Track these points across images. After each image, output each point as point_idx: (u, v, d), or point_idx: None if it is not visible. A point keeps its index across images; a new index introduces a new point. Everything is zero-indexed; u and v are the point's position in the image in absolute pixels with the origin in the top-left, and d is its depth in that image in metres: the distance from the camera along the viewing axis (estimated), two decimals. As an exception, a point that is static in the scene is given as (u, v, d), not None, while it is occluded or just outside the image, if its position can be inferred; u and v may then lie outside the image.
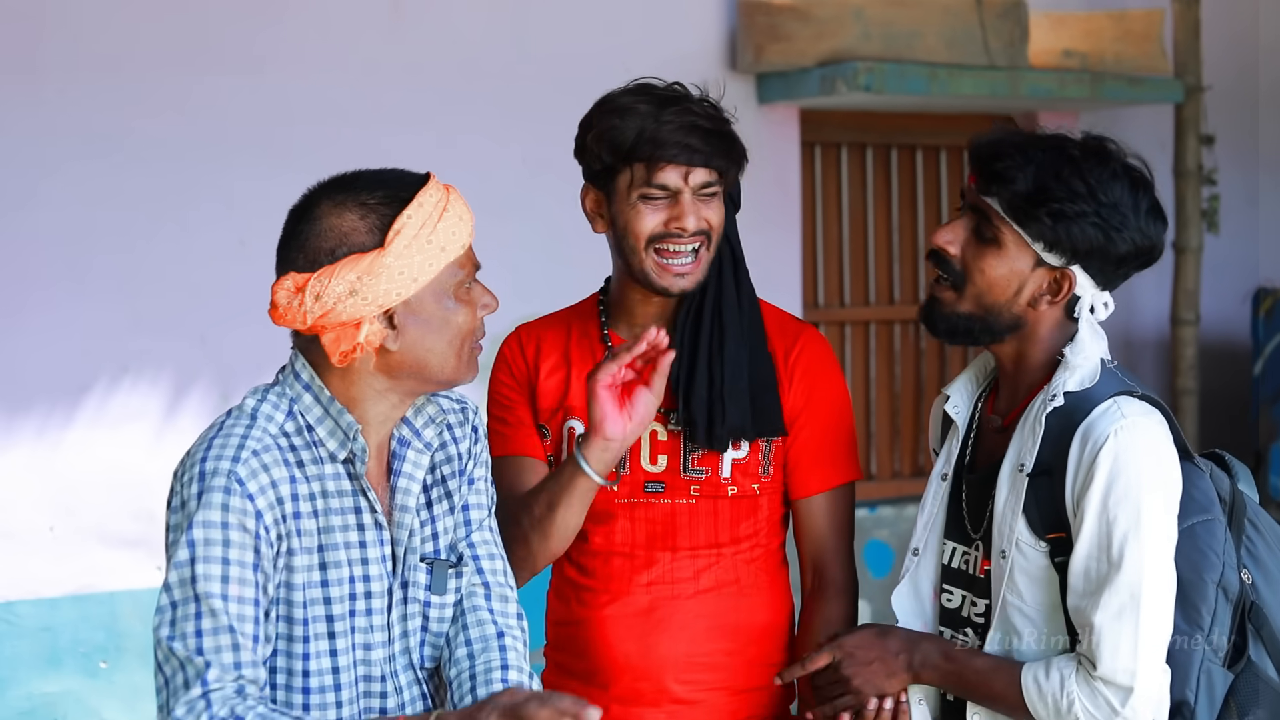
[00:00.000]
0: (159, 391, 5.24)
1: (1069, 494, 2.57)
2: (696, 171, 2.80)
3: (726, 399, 2.86)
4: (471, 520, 2.57)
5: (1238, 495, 2.71)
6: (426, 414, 2.51)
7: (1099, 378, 2.63)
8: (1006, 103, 6.37)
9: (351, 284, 2.32)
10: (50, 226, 5.10)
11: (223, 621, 2.27)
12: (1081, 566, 2.56)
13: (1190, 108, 6.65)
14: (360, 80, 5.52)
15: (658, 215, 2.83)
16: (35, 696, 5.09)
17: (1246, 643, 2.63)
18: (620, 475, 2.92)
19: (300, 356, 2.43)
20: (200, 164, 5.24)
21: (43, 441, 5.11)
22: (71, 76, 5.11)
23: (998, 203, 2.62)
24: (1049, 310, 2.65)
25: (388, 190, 2.38)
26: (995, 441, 2.72)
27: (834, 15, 5.93)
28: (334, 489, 2.41)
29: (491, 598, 2.56)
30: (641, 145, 2.80)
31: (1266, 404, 6.81)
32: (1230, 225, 6.95)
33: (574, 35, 5.85)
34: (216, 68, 5.31)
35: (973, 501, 2.72)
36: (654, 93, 2.86)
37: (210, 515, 2.30)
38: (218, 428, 2.39)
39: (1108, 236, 2.58)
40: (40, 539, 5.11)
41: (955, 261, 2.65)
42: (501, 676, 2.47)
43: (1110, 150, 2.65)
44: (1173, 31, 6.67)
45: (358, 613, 2.42)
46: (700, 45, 6.05)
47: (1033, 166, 2.60)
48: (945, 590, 2.77)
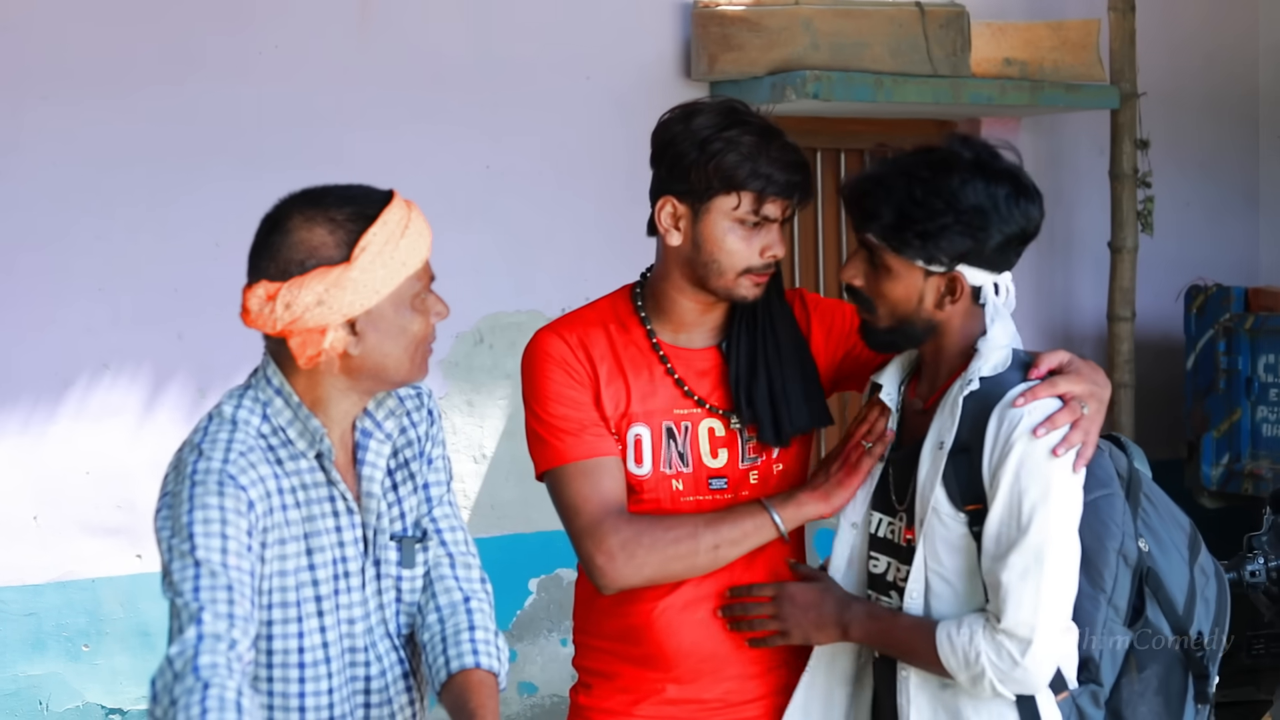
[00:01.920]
0: (138, 386, 5.32)
1: (986, 468, 2.78)
2: (790, 204, 2.94)
3: (790, 398, 3.01)
4: (432, 497, 2.75)
5: (1134, 472, 2.95)
6: (387, 406, 2.69)
7: (1010, 364, 2.85)
8: (949, 109, 6.54)
9: (320, 295, 2.49)
10: (33, 228, 5.18)
11: (221, 580, 2.42)
12: (994, 531, 2.77)
13: (1126, 113, 6.80)
14: (330, 86, 5.63)
15: (754, 241, 2.94)
16: (20, 679, 5.19)
17: (1144, 604, 2.86)
18: (684, 474, 3.04)
19: (271, 361, 2.60)
20: (177, 168, 5.33)
21: (26, 434, 5.20)
22: (52, 83, 5.20)
23: (874, 236, 2.84)
24: (955, 307, 2.86)
25: (355, 207, 2.53)
26: (918, 422, 2.94)
27: (784, 26, 6.08)
28: (310, 481, 2.59)
29: (456, 566, 2.75)
30: (755, 178, 2.90)
31: (1199, 397, 6.98)
32: (1164, 226, 7.10)
33: (537, 44, 5.99)
34: (192, 75, 5.41)
35: (898, 476, 2.95)
36: (754, 122, 2.94)
37: (209, 500, 2.46)
38: (202, 433, 2.55)
39: (975, 238, 2.79)
40: (24, 528, 5.20)
41: (863, 291, 2.89)
42: (470, 637, 2.67)
43: (960, 157, 2.81)
44: (1109, 40, 6.82)
45: (340, 591, 2.61)
46: (657, 54, 6.21)
47: (892, 198, 2.81)
48: (872, 557, 2.98)
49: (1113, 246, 6.90)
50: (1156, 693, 2.88)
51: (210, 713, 2.32)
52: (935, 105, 6.37)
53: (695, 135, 2.94)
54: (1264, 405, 6.80)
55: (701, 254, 2.96)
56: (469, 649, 2.66)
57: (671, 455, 3.04)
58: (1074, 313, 7.27)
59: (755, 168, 2.91)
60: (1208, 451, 6.93)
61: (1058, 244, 7.24)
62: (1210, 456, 6.92)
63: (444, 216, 5.83)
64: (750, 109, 2.98)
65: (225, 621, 2.40)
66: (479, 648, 2.67)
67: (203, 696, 2.33)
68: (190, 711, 2.32)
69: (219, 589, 2.42)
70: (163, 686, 2.37)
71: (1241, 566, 4.14)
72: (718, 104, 2.98)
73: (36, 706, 5.21)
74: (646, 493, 3.04)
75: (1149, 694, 2.87)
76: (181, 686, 2.35)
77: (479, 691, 2.60)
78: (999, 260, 2.86)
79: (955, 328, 2.89)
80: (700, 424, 3.05)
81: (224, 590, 2.42)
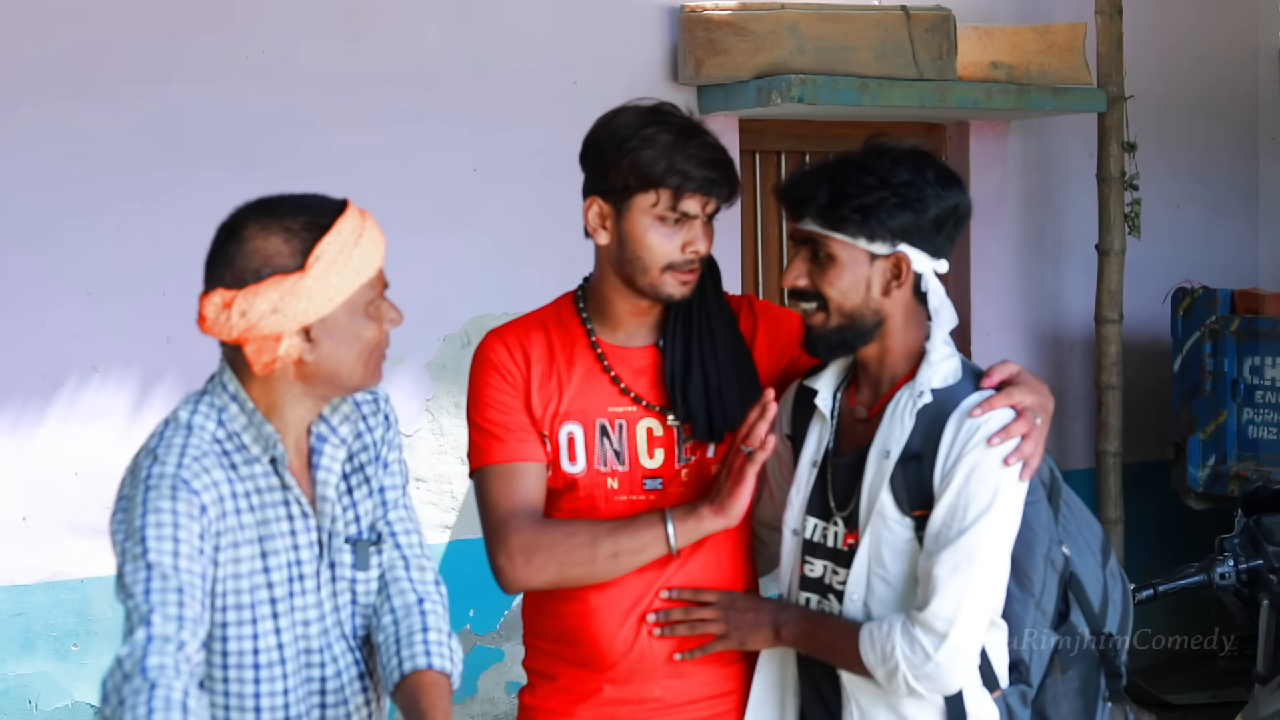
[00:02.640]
0: (127, 389, 5.36)
1: (938, 475, 2.83)
2: (711, 200, 2.96)
3: (724, 394, 3.03)
4: (388, 500, 2.79)
5: (1054, 478, 3.00)
6: (342, 411, 2.73)
7: (961, 375, 2.90)
8: (936, 112, 6.58)
9: (274, 303, 2.53)
10: (22, 233, 5.22)
11: (172, 583, 2.46)
12: (935, 529, 2.82)
13: (1113, 116, 6.82)
14: (318, 90, 5.67)
15: (676, 238, 2.96)
16: (9, 678, 5.23)
17: (1069, 608, 2.93)
18: (620, 473, 3.07)
19: (227, 368, 2.64)
20: (165, 173, 5.37)
21: (15, 436, 5.23)
22: (42, 90, 5.24)
23: (812, 223, 2.88)
24: (900, 295, 2.90)
25: (310, 216, 2.58)
26: (859, 430, 2.98)
27: (770, 30, 6.13)
28: (265, 485, 2.63)
29: (410, 568, 2.79)
30: (671, 174, 2.93)
31: (1185, 399, 7.01)
32: (1151, 228, 7.13)
33: (524, 48, 6.03)
34: (180, 80, 5.44)
35: (838, 483, 2.98)
36: (674, 121, 2.98)
37: (161, 504, 2.50)
38: (158, 438, 2.60)
39: (912, 208, 2.84)
40: (14, 529, 5.24)
41: (809, 289, 2.91)
42: (423, 638, 2.71)
43: (888, 146, 2.91)
44: (1096, 44, 6.85)
45: (295, 594, 2.65)
46: (644, 59, 6.24)
47: (826, 180, 2.87)
48: (807, 561, 3.01)
49: (1100, 249, 6.93)
50: (1078, 693, 2.94)
51: (156, 713, 2.37)
52: (921, 109, 6.41)
53: (615, 135, 2.98)
54: (1250, 407, 6.83)
55: (626, 251, 3.00)
56: (422, 650, 2.70)
57: (606, 453, 3.07)
58: (1062, 315, 7.31)
59: (671, 164, 2.93)
60: (1194, 453, 6.96)
61: (1047, 246, 7.28)
62: (1196, 458, 6.96)
63: (431, 219, 5.92)
64: (675, 109, 3.02)
65: (175, 623, 2.45)
66: (432, 649, 2.71)
67: (149, 697, 2.38)
68: (137, 711, 2.37)
69: (169, 591, 2.46)
70: (112, 686, 2.42)
71: (1211, 569, 4.19)
72: (643, 105, 3.02)
73: (26, 705, 5.26)
74: (582, 491, 3.08)
75: (1071, 694, 2.93)
76: (130, 687, 2.40)
77: (430, 692, 2.64)
78: (938, 242, 2.90)
79: (899, 325, 2.93)
80: (638, 423, 3.07)
81: (174, 593, 2.47)
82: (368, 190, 5.60)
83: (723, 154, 2.99)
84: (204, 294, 2.59)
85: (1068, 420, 7.28)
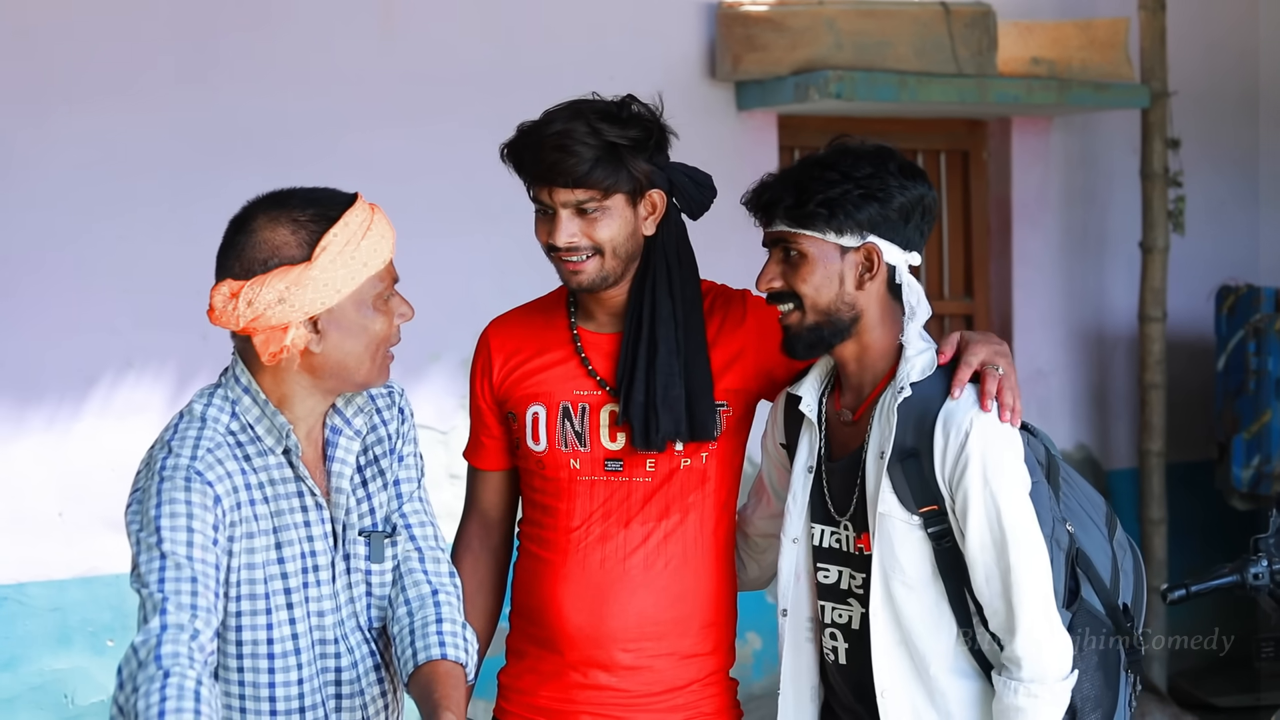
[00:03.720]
0: (162, 385, 5.37)
1: (939, 474, 2.85)
2: (561, 191, 2.96)
3: (660, 407, 3.02)
4: (403, 493, 2.81)
5: (1051, 458, 3.01)
6: (356, 404, 2.76)
7: (936, 367, 2.91)
8: (976, 108, 6.56)
9: (280, 292, 2.56)
10: (60, 231, 5.25)
11: (185, 572, 2.49)
12: (979, 540, 2.84)
13: (1156, 112, 6.78)
14: (352, 90, 5.67)
15: (544, 228, 3.03)
16: (46, 673, 5.24)
17: (1079, 585, 2.94)
18: (581, 454, 3.10)
19: (240, 361, 2.67)
20: (200, 172, 5.37)
21: (52, 432, 5.25)
22: (78, 89, 5.26)
23: (781, 223, 2.90)
24: (873, 288, 2.92)
25: (318, 208, 2.61)
26: (847, 433, 2.99)
27: (808, 26, 6.12)
28: (279, 477, 2.65)
29: (425, 560, 2.81)
30: (521, 164, 3.01)
31: (1229, 397, 6.94)
32: (1195, 226, 7.06)
33: (560, 45, 6.01)
34: (213, 78, 5.45)
35: (835, 487, 2.99)
36: (557, 111, 3.02)
37: (175, 495, 2.53)
38: (172, 430, 2.63)
39: (876, 198, 2.87)
40: (50, 524, 5.26)
41: (784, 290, 2.92)
42: (437, 629, 2.73)
43: (848, 144, 2.94)
44: (1139, 39, 6.81)
45: (310, 584, 2.67)
46: (681, 55, 6.22)
47: (790, 181, 2.91)
48: (821, 568, 3.02)
49: (1144, 246, 6.88)
50: (1097, 668, 2.94)
51: (169, 700, 2.39)
52: (961, 105, 6.39)
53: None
54: (1294, 406, 6.77)
55: None
56: (436, 640, 2.71)
57: (567, 434, 3.10)
58: (1105, 313, 7.25)
59: (519, 159, 3.01)
60: (1238, 453, 6.89)
61: (1090, 244, 7.23)
62: (1240, 458, 6.88)
63: (467, 217, 5.92)
64: (579, 100, 3.05)
65: (188, 612, 2.47)
66: (446, 639, 2.72)
67: (163, 684, 2.40)
68: (150, 699, 2.39)
69: (183, 580, 2.48)
70: (127, 674, 2.44)
71: (1245, 569, 4.12)
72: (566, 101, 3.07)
73: (62, 700, 5.28)
74: (548, 469, 3.13)
75: (1090, 670, 2.93)
76: (144, 674, 2.42)
77: (445, 682, 2.65)
78: (906, 234, 2.92)
79: (874, 320, 2.94)
80: (603, 407, 3.10)
81: (188, 582, 2.49)
82: (403, 189, 5.65)
83: (587, 143, 2.95)
84: (214, 285, 2.63)
85: (1111, 419, 7.23)
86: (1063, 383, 7.12)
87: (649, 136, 3.03)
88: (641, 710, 3.11)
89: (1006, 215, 7.00)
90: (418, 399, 3.16)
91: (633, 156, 2.99)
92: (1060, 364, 7.12)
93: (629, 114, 3.03)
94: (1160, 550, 6.83)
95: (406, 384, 3.31)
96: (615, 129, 2.99)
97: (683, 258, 3.13)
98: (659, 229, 3.08)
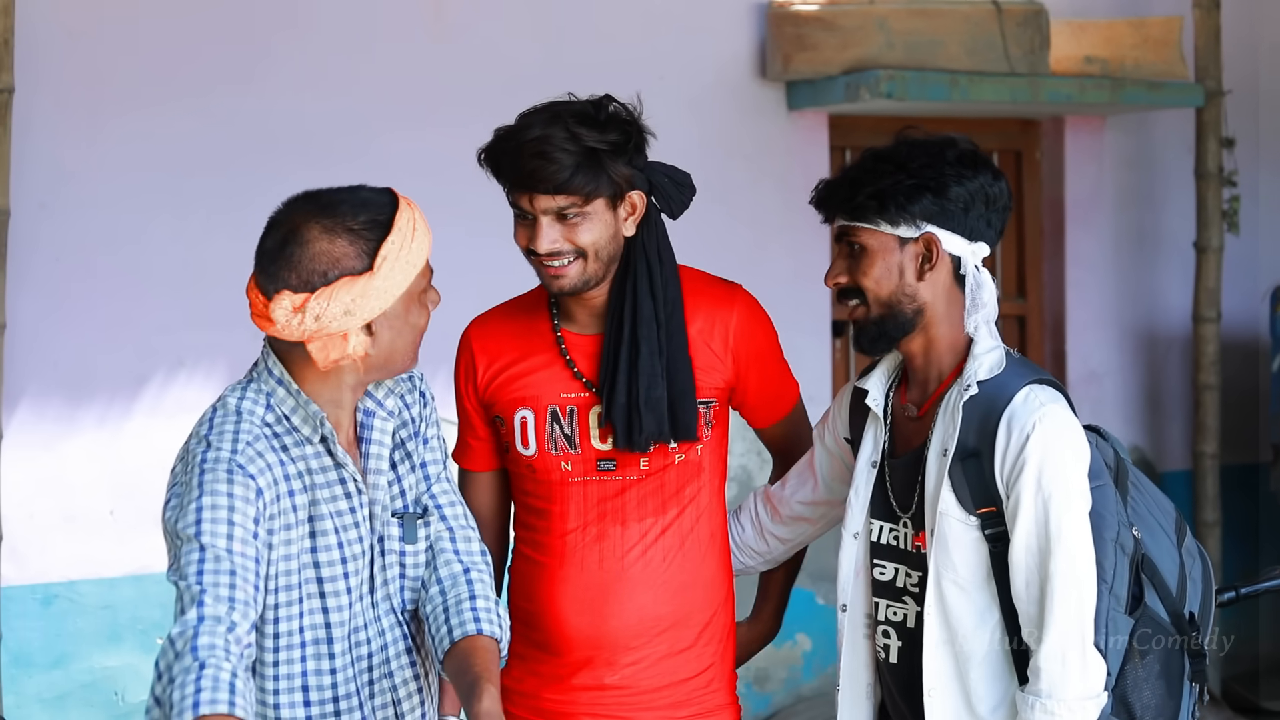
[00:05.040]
0: (213, 383, 5.37)
1: (998, 474, 2.82)
2: (541, 198, 2.94)
3: (643, 408, 3.02)
4: (430, 475, 2.84)
5: (1120, 461, 2.98)
6: (385, 386, 2.78)
7: (1005, 365, 2.89)
8: (1028, 108, 6.52)
9: (347, 305, 2.58)
10: (112, 232, 5.28)
11: (224, 565, 2.50)
12: (1023, 544, 2.81)
13: (1211, 111, 6.72)
14: (402, 90, 5.68)
15: (524, 233, 3.01)
16: (96, 670, 5.27)
17: (1143, 591, 2.90)
18: (572, 456, 3.10)
19: (272, 354, 2.68)
20: (251, 173, 5.39)
21: (104, 430, 5.28)
22: (129, 90, 5.29)
23: (841, 218, 2.91)
24: (936, 279, 2.90)
25: (369, 214, 2.62)
26: (911, 429, 2.97)
27: (858, 25, 6.10)
28: (316, 466, 2.67)
29: (456, 539, 2.83)
30: (500, 171, 2.98)
31: (1284, 399, 6.88)
32: (1250, 225, 7.01)
33: (611, 45, 6.00)
34: (265, 79, 5.48)
35: (898, 484, 2.97)
36: (533, 116, 2.98)
37: (217, 488, 2.54)
38: (208, 425, 2.64)
39: (930, 189, 2.86)
40: (101, 522, 5.28)
41: (848, 284, 2.93)
42: (471, 606, 2.74)
43: (910, 136, 2.93)
44: (1194, 37, 6.76)
45: (348, 574, 2.68)
46: (732, 55, 6.22)
47: (847, 177, 2.90)
48: (877, 564, 3.01)
49: (1198, 246, 6.83)
50: (1159, 676, 2.90)
51: (204, 691, 2.40)
52: (1013, 104, 6.35)
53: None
54: (1349, 408, 6.70)
55: None
56: (470, 617, 2.73)
57: (557, 437, 3.10)
58: (1159, 313, 7.20)
59: (497, 164, 2.99)
60: (1293, 454, 6.81)
61: (1144, 244, 7.18)
62: (1295, 460, 6.81)
63: (517, 217, 5.90)
64: (556, 103, 3.03)
65: (226, 605, 2.48)
66: (480, 615, 2.74)
67: (198, 676, 2.41)
68: (185, 690, 2.40)
69: (221, 573, 2.49)
70: (164, 665, 2.46)
71: (1294, 574, 4.09)
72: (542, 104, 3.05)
73: (112, 697, 5.31)
74: (540, 473, 3.13)
75: (1152, 678, 2.90)
76: (180, 665, 2.43)
77: (482, 655, 2.67)
78: (968, 224, 2.90)
79: (941, 314, 2.92)
80: (591, 409, 3.09)
81: (226, 575, 2.50)
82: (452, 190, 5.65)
83: (565, 149, 2.92)
84: (269, 297, 2.62)
85: (1165, 421, 7.18)
86: (1116, 384, 7.07)
87: (628, 139, 3.00)
88: (645, 708, 3.12)
89: (1060, 215, 6.96)
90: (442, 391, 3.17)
91: (612, 161, 2.97)
92: (1113, 365, 7.08)
93: (606, 116, 3.01)
94: (1214, 553, 6.77)
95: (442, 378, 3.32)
96: (594, 134, 2.96)
97: (664, 257, 3.11)
98: (639, 229, 3.07)
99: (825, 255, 6.41)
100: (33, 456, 5.18)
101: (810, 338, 6.33)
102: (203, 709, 2.39)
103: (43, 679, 5.21)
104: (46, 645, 5.22)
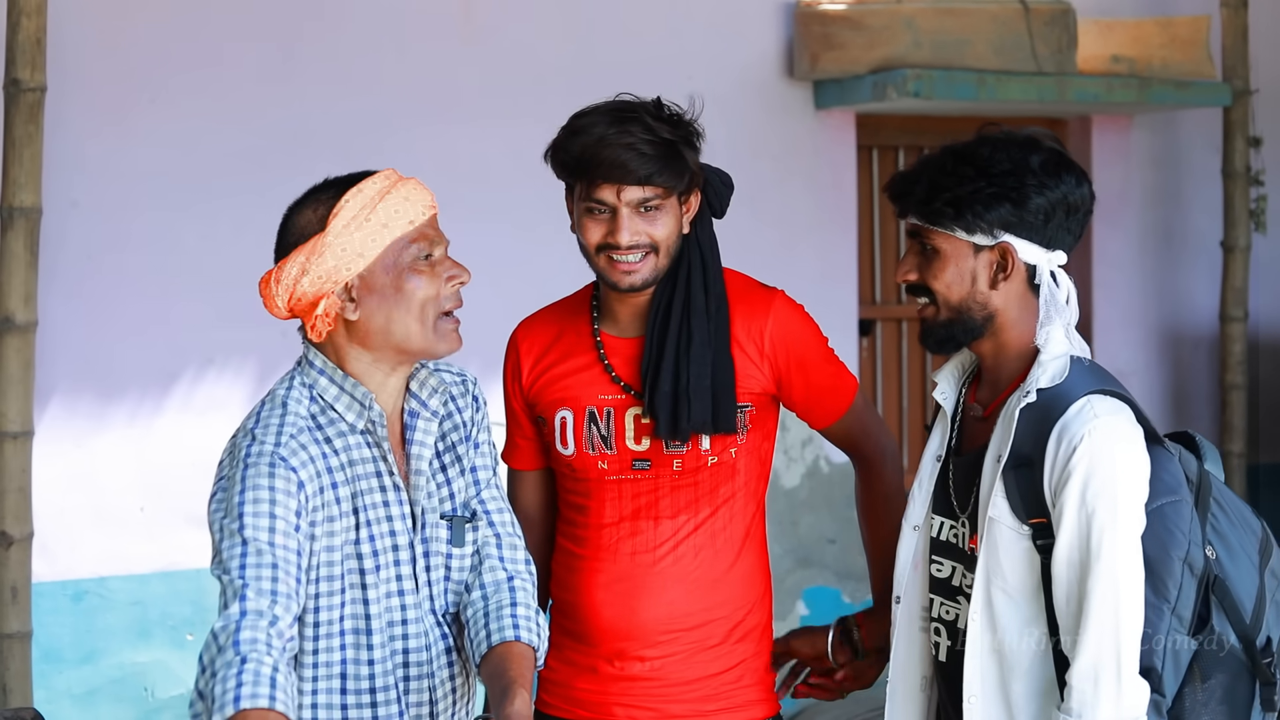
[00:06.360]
0: (243, 381, 5.43)
1: (1047, 485, 2.75)
2: (629, 190, 2.98)
3: (692, 397, 3.05)
4: (480, 480, 2.85)
5: (1204, 476, 2.87)
6: (430, 385, 2.79)
7: (1068, 373, 2.80)
8: (1055, 107, 6.50)
9: (302, 265, 2.63)
10: (142, 229, 5.31)
11: (266, 559, 2.52)
12: (1064, 557, 2.74)
13: (1238, 111, 6.72)
14: (432, 89, 5.70)
15: (600, 228, 3.03)
16: (126, 666, 5.30)
17: (1210, 613, 2.78)
18: (609, 456, 3.14)
19: (311, 345, 2.72)
20: (281, 171, 5.29)
21: (134, 427, 5.31)
22: (160, 88, 5.33)
23: (914, 218, 2.85)
24: (1010, 287, 2.84)
25: (338, 187, 2.67)
26: (977, 429, 2.92)
27: (886, 24, 6.10)
28: (359, 457, 2.68)
29: (502, 546, 2.84)
30: (583, 165, 3.01)
31: (1312, 399, 6.89)
32: (1277, 224, 6.99)
33: (639, 44, 6.02)
34: (296, 79, 5.51)
35: (959, 482, 2.92)
36: (607, 112, 3.03)
37: (259, 481, 2.56)
38: (255, 418, 2.67)
39: (1011, 201, 2.78)
40: (131, 519, 5.32)
41: (918, 283, 2.87)
42: (511, 613, 2.75)
43: (995, 134, 2.84)
44: (1221, 36, 6.74)
45: (384, 566, 2.69)
46: (759, 54, 6.23)
47: (925, 175, 2.83)
48: (935, 561, 2.96)
49: (1225, 246, 6.82)
50: (1221, 701, 2.80)
51: (245, 685, 2.41)
52: (1040, 103, 6.34)
53: (560, 131, 3.09)
54: (1379, 408, 6.68)
55: (579, 241, 3.10)
56: (510, 624, 2.74)
57: (594, 438, 3.14)
58: (1187, 312, 7.18)
59: (581, 155, 3.00)
60: (1320, 454, 6.81)
61: (1171, 243, 7.16)
62: (1323, 460, 6.80)
63: (545, 216, 5.89)
64: (635, 98, 3.07)
65: (268, 598, 2.50)
66: (520, 623, 2.75)
67: (239, 670, 2.43)
68: (226, 684, 2.42)
69: (264, 567, 2.51)
70: (207, 659, 2.48)
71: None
72: (602, 102, 3.09)
73: (142, 693, 5.33)
74: (578, 471, 3.17)
75: (1213, 703, 2.79)
76: (222, 659, 2.45)
77: (518, 662, 2.68)
78: (1046, 234, 2.83)
79: (1012, 320, 2.86)
80: (627, 410, 3.13)
81: (269, 568, 2.51)
82: (482, 188, 5.68)
83: (649, 142, 2.98)
84: None
85: (1192, 420, 7.16)
86: (1143, 383, 7.06)
87: (691, 134, 3.07)
88: (675, 700, 3.15)
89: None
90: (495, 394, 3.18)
91: (687, 152, 3.05)
92: (1140, 364, 7.06)
93: (668, 113, 3.07)
94: (1241, 553, 6.75)
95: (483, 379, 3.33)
96: (666, 127, 3.03)
97: (715, 254, 3.17)
98: (692, 226, 3.12)
99: (852, 255, 6.44)
100: (63, 453, 5.21)
101: (837, 337, 6.30)
102: (243, 703, 2.40)
103: (73, 674, 5.24)
104: (77, 641, 5.25)
